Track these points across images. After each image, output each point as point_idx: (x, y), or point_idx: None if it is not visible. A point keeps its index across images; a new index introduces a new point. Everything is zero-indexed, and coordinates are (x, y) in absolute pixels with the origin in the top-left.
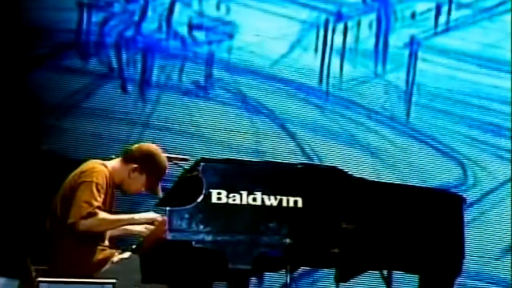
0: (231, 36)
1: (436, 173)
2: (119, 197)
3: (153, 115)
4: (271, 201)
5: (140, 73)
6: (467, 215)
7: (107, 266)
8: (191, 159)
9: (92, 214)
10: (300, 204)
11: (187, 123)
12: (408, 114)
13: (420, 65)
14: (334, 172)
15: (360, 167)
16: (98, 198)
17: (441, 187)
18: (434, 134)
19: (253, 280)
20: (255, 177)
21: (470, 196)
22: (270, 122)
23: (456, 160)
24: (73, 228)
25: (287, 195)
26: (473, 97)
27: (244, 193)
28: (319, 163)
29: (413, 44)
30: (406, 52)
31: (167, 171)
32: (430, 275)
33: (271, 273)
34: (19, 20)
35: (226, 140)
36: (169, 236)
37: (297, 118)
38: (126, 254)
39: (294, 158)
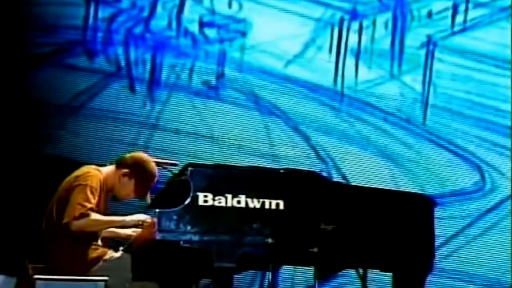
0: (243, 35)
1: (453, 177)
2: (120, 202)
3: (162, 116)
4: (255, 203)
5: (149, 73)
6: (486, 221)
7: (99, 264)
8: (196, 162)
9: (85, 215)
10: (281, 207)
11: (197, 124)
12: (424, 117)
13: (436, 65)
14: (313, 177)
15: (375, 170)
16: (92, 200)
17: (458, 192)
18: (451, 137)
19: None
20: (239, 181)
21: (487, 201)
22: (283, 124)
23: (473, 164)
24: (66, 228)
25: (269, 198)
26: (491, 99)
27: (229, 196)
28: (333, 165)
29: (429, 44)
30: (423, 52)
31: (156, 179)
32: (402, 273)
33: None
34: (22, 16)
35: (237, 142)
36: (158, 236)
37: (311, 119)
38: (118, 253)
39: (308, 161)
